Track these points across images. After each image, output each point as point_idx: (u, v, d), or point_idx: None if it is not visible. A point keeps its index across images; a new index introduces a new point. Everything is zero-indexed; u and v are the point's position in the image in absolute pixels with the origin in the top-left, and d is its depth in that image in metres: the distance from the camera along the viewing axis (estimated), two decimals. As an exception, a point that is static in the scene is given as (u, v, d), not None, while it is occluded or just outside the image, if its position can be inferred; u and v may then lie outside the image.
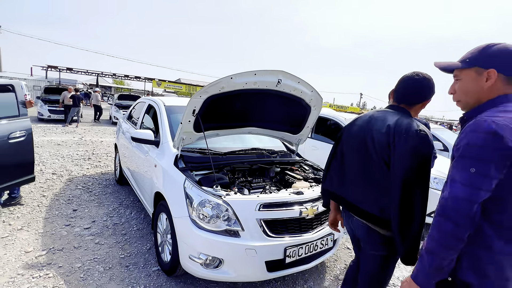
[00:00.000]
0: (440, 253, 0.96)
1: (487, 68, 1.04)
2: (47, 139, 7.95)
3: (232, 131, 2.78)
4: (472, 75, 1.08)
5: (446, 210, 0.96)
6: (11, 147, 2.98)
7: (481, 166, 0.91)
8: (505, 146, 0.88)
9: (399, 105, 1.49)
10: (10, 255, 2.49)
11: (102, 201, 3.86)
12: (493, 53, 1.04)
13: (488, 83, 1.04)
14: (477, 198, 0.92)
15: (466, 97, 1.11)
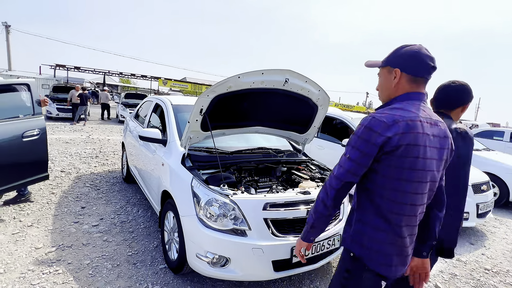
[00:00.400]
0: (312, 214, 1.22)
1: (394, 67, 1.16)
2: (56, 137, 8.07)
3: (239, 130, 2.79)
4: (385, 73, 1.21)
5: (324, 183, 1.19)
6: (26, 145, 3.04)
7: (353, 153, 1.10)
8: (373, 140, 1.05)
9: (439, 110, 1.62)
10: (21, 251, 2.54)
11: (109, 199, 3.90)
12: (400, 53, 1.16)
13: (395, 81, 1.16)
14: (344, 178, 1.11)
15: (382, 93, 1.25)
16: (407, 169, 1.06)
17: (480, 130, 9.57)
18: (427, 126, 1.09)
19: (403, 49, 1.16)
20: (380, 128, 1.04)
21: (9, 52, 23.86)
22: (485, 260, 3.23)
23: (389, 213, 1.10)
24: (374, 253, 1.13)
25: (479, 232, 4.02)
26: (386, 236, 1.12)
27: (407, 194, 1.09)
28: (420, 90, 1.15)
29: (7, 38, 23.55)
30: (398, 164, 1.05)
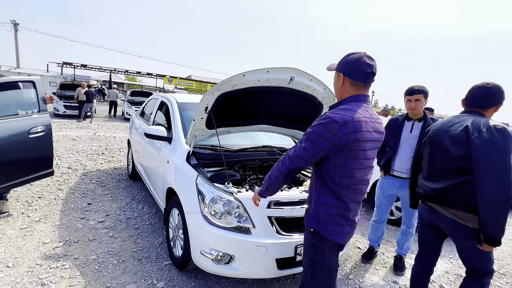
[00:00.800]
0: (267, 179, 1.51)
1: (339, 72, 1.38)
2: (63, 134, 8.17)
3: (243, 129, 2.79)
4: (336, 77, 1.42)
5: (281, 160, 1.43)
6: (32, 142, 3.08)
7: (308, 145, 1.31)
8: (327, 137, 1.26)
9: (473, 109, 1.73)
10: (29, 246, 2.59)
11: (115, 196, 3.95)
12: (345, 60, 1.37)
13: (340, 83, 1.39)
14: (297, 162, 1.36)
15: (335, 94, 1.46)
16: (353, 158, 1.30)
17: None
18: (370, 124, 1.32)
19: (348, 57, 1.37)
20: (334, 128, 1.25)
21: (18, 50, 24.18)
22: (492, 261, 3.19)
23: (340, 194, 1.36)
24: (330, 226, 1.38)
25: (486, 233, 3.97)
26: (338, 212, 1.37)
27: (353, 178, 1.34)
28: (362, 93, 1.37)
29: (16, 36, 23.85)
30: (346, 155, 1.29)
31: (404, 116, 2.60)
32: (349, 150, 1.28)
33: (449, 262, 3.06)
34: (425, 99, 2.43)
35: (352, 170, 1.33)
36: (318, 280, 1.46)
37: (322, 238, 1.40)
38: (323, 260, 1.43)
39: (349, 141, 1.26)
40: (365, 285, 2.51)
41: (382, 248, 3.19)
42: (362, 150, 1.30)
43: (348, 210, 1.38)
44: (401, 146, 2.57)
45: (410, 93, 2.43)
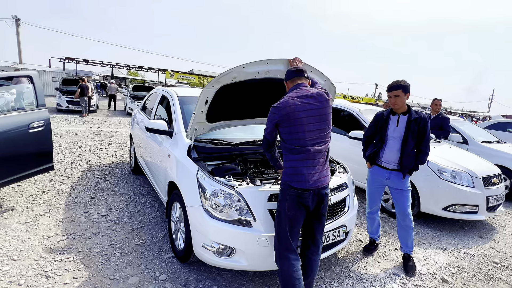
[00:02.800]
0: None
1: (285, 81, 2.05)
2: (66, 129, 8.22)
3: (244, 122, 2.78)
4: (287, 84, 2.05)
5: None
6: (31, 137, 3.09)
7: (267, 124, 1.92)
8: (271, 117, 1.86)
9: None
10: (34, 239, 2.62)
11: (118, 190, 3.98)
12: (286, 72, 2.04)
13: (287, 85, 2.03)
14: (268, 137, 1.95)
15: None
16: (290, 127, 1.81)
17: (493, 122, 9.32)
18: (297, 100, 1.82)
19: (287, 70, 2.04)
20: (275, 110, 1.83)
21: (20, 46, 24.20)
22: (494, 254, 3.18)
23: (294, 154, 1.83)
24: (295, 176, 1.82)
25: (489, 226, 3.96)
26: (297, 164, 1.82)
27: (296, 141, 1.82)
28: (295, 83, 1.95)
29: (17, 31, 23.85)
30: (286, 127, 1.82)
31: (389, 111, 2.67)
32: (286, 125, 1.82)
33: (450, 254, 3.06)
34: (405, 94, 2.50)
35: (293, 135, 1.82)
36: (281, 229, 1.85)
37: (288, 187, 1.83)
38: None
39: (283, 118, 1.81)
40: (367, 277, 2.52)
41: (383, 241, 3.19)
42: (296, 118, 1.80)
43: (306, 165, 1.82)
44: (389, 139, 2.63)
45: (389, 89, 2.54)
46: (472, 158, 4.11)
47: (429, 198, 3.58)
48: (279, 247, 1.85)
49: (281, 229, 1.84)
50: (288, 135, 1.82)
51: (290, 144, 1.83)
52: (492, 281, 2.67)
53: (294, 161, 1.82)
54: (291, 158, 1.83)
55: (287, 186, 1.82)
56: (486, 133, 6.35)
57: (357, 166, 4.13)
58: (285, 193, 1.83)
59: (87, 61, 24.35)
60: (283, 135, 1.85)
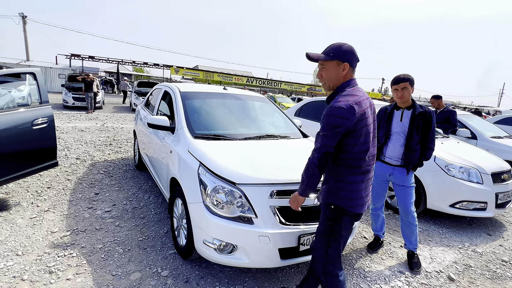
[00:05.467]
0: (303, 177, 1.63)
1: (344, 62, 1.52)
2: (72, 126, 8.29)
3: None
4: (334, 66, 1.54)
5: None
6: (35, 133, 3.10)
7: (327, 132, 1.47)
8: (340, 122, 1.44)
9: None
10: (38, 235, 2.64)
11: (122, 186, 3.99)
12: (344, 50, 1.53)
13: (343, 72, 1.54)
14: (331, 150, 1.50)
15: (330, 81, 1.57)
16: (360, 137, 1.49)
17: (503, 116, 9.10)
18: (366, 101, 1.52)
19: (343, 47, 1.53)
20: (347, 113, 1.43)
21: (27, 43, 24.47)
22: (503, 252, 3.11)
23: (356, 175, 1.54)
24: (353, 201, 1.56)
25: (498, 223, 3.87)
26: (359, 187, 1.56)
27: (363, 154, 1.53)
28: (354, 77, 1.59)
29: (24, 28, 24.09)
30: (357, 137, 1.49)
31: (393, 106, 2.63)
32: (358, 131, 1.48)
33: (458, 252, 3.00)
34: (412, 87, 2.47)
35: (362, 146, 1.51)
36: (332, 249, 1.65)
37: (343, 211, 1.58)
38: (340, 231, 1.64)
39: (357, 122, 1.45)
40: (371, 275, 2.49)
41: (388, 238, 3.14)
42: (367, 126, 1.50)
43: (365, 184, 1.57)
44: (393, 135, 2.60)
45: (396, 82, 2.48)
46: (481, 153, 4.00)
47: (436, 195, 3.50)
48: (327, 264, 1.66)
49: (333, 249, 1.65)
50: (356, 147, 1.50)
51: (355, 160, 1.51)
52: (500, 280, 2.61)
53: (355, 183, 1.55)
54: (351, 180, 1.54)
55: (342, 210, 1.57)
56: (495, 128, 6.21)
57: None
58: (339, 215, 1.59)
59: (93, 58, 24.49)
60: (350, 147, 1.50)
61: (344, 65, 1.52)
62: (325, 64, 1.56)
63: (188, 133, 2.63)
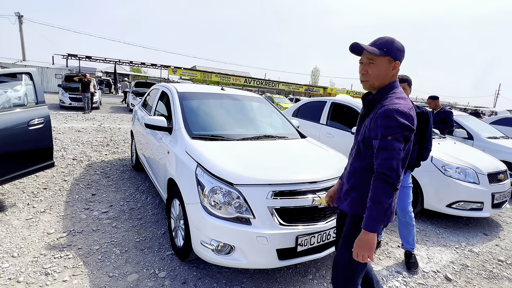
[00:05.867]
0: (377, 209, 1.26)
1: (395, 60, 1.35)
2: (68, 126, 8.24)
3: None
4: (386, 63, 1.34)
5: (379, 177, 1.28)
6: (31, 134, 3.08)
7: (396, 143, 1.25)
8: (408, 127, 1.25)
9: None
10: (34, 236, 2.62)
11: (119, 186, 3.97)
12: (397, 47, 1.35)
13: (393, 71, 1.36)
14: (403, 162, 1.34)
15: (375, 80, 1.37)
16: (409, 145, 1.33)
17: (499, 117, 9.17)
18: None
19: (396, 42, 1.35)
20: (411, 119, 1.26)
21: (23, 43, 24.30)
22: (499, 251, 3.13)
23: None
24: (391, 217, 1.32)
25: (494, 223, 3.89)
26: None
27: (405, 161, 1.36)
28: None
29: (20, 28, 23.92)
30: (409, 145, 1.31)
31: None
32: None
33: (454, 252, 3.02)
34: (409, 87, 2.49)
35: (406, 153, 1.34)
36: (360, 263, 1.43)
37: None
38: None
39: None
40: (368, 275, 2.49)
41: (386, 238, 3.15)
42: None
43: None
44: None
45: None
46: (477, 154, 4.03)
47: (433, 195, 3.52)
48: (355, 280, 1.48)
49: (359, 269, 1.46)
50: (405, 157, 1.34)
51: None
52: (496, 279, 2.62)
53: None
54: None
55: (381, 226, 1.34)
56: (492, 128, 6.25)
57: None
58: None
59: (90, 58, 24.38)
60: None
61: (395, 63, 1.35)
62: (376, 59, 1.34)
63: (186, 134, 2.62)
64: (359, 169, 1.42)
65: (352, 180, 1.45)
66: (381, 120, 1.26)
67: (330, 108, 5.05)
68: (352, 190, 1.45)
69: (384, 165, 1.24)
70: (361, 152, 1.40)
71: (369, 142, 1.35)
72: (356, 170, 1.43)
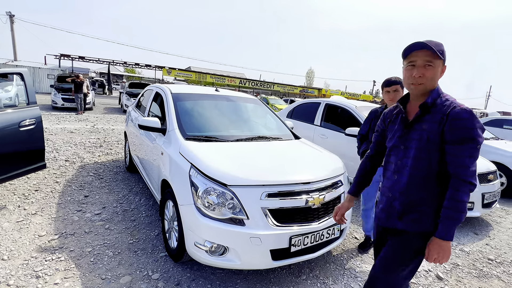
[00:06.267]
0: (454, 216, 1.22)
1: (444, 64, 1.31)
2: (61, 127, 8.14)
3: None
4: (441, 66, 1.30)
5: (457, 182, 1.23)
6: (22, 135, 3.04)
7: (474, 153, 1.23)
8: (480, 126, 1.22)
9: None
10: (25, 239, 2.58)
11: (112, 188, 3.94)
12: (445, 51, 1.30)
13: (441, 75, 1.33)
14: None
15: (430, 83, 1.30)
16: None
17: (489, 118, 9.34)
18: None
19: (444, 46, 1.29)
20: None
21: (14, 42, 23.94)
22: (489, 250, 3.19)
23: None
24: None
25: (484, 222, 3.96)
26: None
27: None
28: None
29: (12, 28, 23.57)
30: None
31: (383, 108, 2.69)
32: None
33: (446, 251, 3.06)
34: (402, 89, 2.55)
35: None
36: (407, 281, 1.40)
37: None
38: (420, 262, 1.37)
39: None
40: (361, 275, 2.51)
41: (379, 238, 3.18)
42: None
43: None
44: None
45: (388, 84, 2.54)
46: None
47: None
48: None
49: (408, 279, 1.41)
50: None
51: None
52: (486, 278, 2.67)
53: None
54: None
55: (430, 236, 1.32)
56: (482, 130, 6.35)
57: (354, 163, 4.12)
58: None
59: (83, 58, 24.12)
60: None
61: (444, 67, 1.32)
62: (434, 62, 1.27)
63: (180, 135, 2.62)
64: (421, 179, 1.30)
65: (413, 193, 1.32)
66: (462, 121, 1.20)
67: (324, 110, 5.08)
68: (417, 204, 1.32)
69: (471, 173, 1.20)
70: (423, 159, 1.29)
71: (433, 147, 1.26)
72: (417, 180, 1.31)
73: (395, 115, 1.47)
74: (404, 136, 1.36)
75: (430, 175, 1.29)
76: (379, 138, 1.60)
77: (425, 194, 1.30)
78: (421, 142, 1.29)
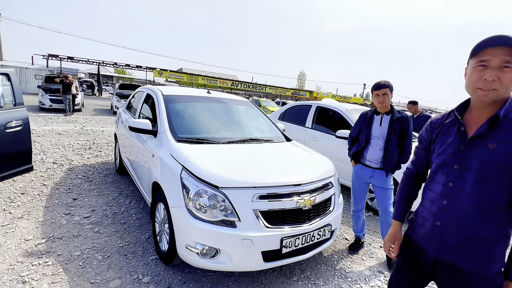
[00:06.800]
0: None
1: None
2: (48, 129, 7.96)
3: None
4: None
5: None
6: (8, 137, 2.97)
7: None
8: None
9: None
10: (10, 243, 2.52)
11: (102, 191, 3.88)
12: None
13: None
14: None
15: (506, 89, 1.03)
16: None
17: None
18: None
19: None
20: None
21: (0, 42, 23.33)
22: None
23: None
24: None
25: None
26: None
27: None
28: None
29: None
30: None
31: (373, 111, 2.74)
32: None
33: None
34: (391, 93, 2.60)
35: None
36: None
37: None
38: None
39: None
40: (352, 275, 2.55)
41: (368, 239, 3.23)
42: None
43: None
44: (373, 139, 2.70)
45: (378, 88, 2.58)
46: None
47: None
48: None
49: None
50: None
51: None
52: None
53: None
54: None
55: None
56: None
57: (344, 165, 4.17)
58: None
59: (72, 59, 23.71)
60: None
61: None
62: None
63: (171, 137, 2.61)
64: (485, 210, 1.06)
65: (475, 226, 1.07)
66: None
67: (315, 112, 5.14)
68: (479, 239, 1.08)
69: None
70: (488, 186, 1.04)
71: (505, 172, 1.01)
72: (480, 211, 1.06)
73: (448, 124, 1.19)
74: (461, 154, 1.10)
75: (498, 204, 1.04)
76: (424, 152, 1.33)
77: (492, 228, 1.06)
78: (486, 164, 1.04)
